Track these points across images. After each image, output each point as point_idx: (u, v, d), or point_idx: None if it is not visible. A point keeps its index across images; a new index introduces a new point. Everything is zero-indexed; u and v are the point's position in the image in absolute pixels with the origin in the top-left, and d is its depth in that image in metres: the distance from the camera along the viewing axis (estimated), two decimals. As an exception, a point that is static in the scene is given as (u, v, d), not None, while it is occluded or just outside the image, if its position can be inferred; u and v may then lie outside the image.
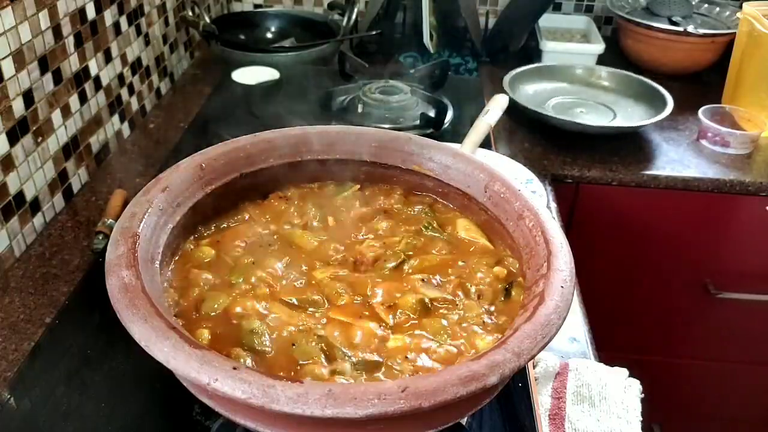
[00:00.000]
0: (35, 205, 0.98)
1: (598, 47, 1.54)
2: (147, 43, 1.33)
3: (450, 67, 1.41)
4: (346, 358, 0.52)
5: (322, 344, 0.53)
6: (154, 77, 1.37)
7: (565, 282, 0.53)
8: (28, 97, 0.94)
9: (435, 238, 0.65)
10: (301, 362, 0.52)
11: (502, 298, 0.59)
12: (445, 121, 1.18)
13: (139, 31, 1.29)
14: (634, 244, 1.34)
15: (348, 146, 0.70)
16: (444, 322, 0.56)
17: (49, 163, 1.01)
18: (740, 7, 1.39)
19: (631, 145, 1.30)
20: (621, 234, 1.32)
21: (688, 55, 1.51)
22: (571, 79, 1.48)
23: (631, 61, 1.58)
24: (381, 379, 0.51)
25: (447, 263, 0.63)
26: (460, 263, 0.63)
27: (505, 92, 1.28)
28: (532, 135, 1.32)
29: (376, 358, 0.52)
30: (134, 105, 1.28)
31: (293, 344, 0.53)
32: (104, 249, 0.69)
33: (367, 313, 0.57)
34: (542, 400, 0.75)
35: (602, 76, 1.47)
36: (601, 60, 1.54)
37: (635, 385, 0.78)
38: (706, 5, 1.63)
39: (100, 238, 0.95)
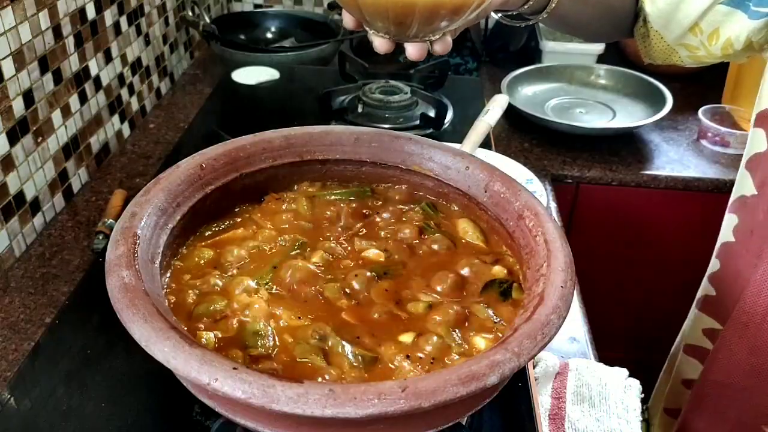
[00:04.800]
0: (35, 205, 0.98)
1: (598, 47, 1.55)
2: (147, 43, 1.33)
3: (450, 67, 1.41)
4: (348, 357, 0.52)
5: (324, 344, 0.53)
6: (154, 77, 1.37)
7: (565, 282, 0.53)
8: (28, 97, 0.95)
9: (436, 239, 0.65)
10: (302, 361, 0.52)
11: (502, 299, 0.59)
12: (445, 121, 1.18)
13: (139, 31, 1.29)
14: (634, 244, 1.34)
15: (348, 146, 0.70)
16: (444, 322, 0.56)
17: (49, 163, 1.01)
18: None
19: (630, 145, 1.30)
20: (621, 234, 1.32)
21: (688, 55, 1.51)
22: (570, 79, 1.48)
23: (631, 60, 1.58)
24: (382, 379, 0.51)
25: (448, 264, 0.63)
26: (460, 264, 0.63)
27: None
28: (532, 135, 1.32)
29: (378, 357, 0.52)
30: (134, 105, 1.28)
31: (295, 344, 0.53)
32: (104, 249, 0.69)
33: (368, 313, 0.57)
34: (542, 400, 0.76)
35: (601, 75, 1.48)
36: (601, 60, 1.54)
37: (635, 385, 0.78)
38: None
39: (100, 238, 0.95)
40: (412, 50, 0.61)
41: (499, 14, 0.74)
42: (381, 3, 0.55)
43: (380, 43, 0.61)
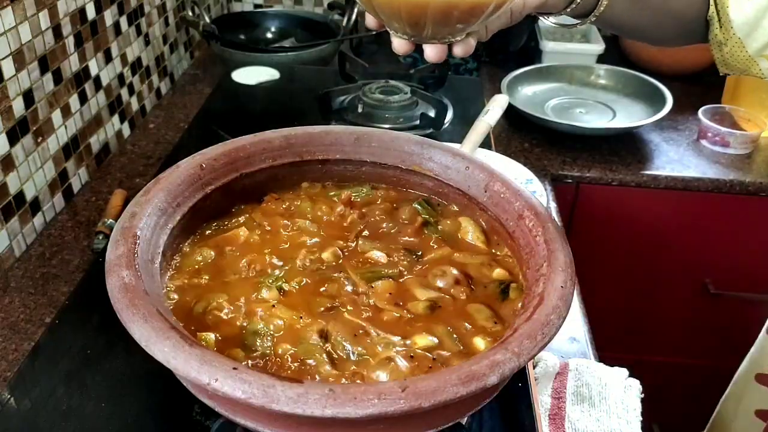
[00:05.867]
0: (35, 205, 0.98)
1: (598, 47, 1.55)
2: (147, 43, 1.33)
3: (450, 67, 1.40)
4: (350, 357, 0.52)
5: (326, 344, 0.53)
6: (154, 77, 1.37)
7: (565, 282, 0.53)
8: (28, 97, 0.95)
9: (436, 239, 0.66)
10: (303, 360, 0.52)
11: (502, 299, 0.59)
12: (445, 121, 1.18)
13: (139, 31, 1.29)
14: (634, 244, 1.34)
15: (348, 146, 0.70)
16: (444, 322, 0.56)
17: (49, 163, 1.01)
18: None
19: (631, 145, 1.30)
20: (621, 234, 1.32)
21: (688, 55, 1.51)
22: (570, 79, 1.48)
23: (632, 60, 1.58)
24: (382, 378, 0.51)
25: (447, 264, 0.63)
26: (460, 264, 0.63)
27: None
28: (532, 135, 1.32)
29: (379, 356, 0.52)
30: (134, 105, 1.28)
31: (297, 344, 0.53)
32: (104, 249, 0.69)
33: (369, 313, 0.57)
34: (542, 400, 0.75)
35: (601, 75, 1.48)
36: (601, 60, 1.54)
37: (635, 385, 0.78)
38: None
39: (100, 238, 0.95)
40: (430, 52, 0.59)
41: (548, 17, 0.71)
42: (394, 4, 0.55)
43: (399, 44, 0.59)
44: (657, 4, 0.72)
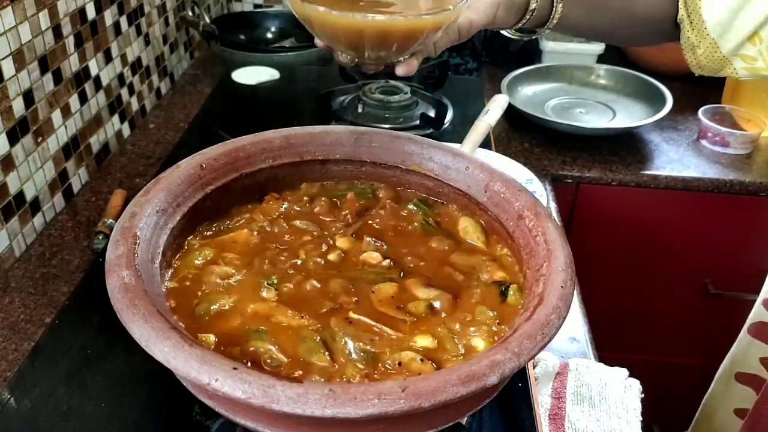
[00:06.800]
0: (35, 205, 0.98)
1: (598, 47, 1.55)
2: (147, 43, 1.33)
3: (450, 67, 1.41)
4: (350, 357, 0.52)
5: (326, 344, 0.53)
6: (154, 77, 1.37)
7: (565, 282, 0.53)
8: (28, 97, 0.95)
9: (435, 239, 0.65)
10: (303, 360, 0.52)
11: (502, 299, 0.59)
12: (445, 121, 1.18)
13: (139, 31, 1.29)
14: (634, 244, 1.34)
15: (348, 146, 0.70)
16: (444, 322, 0.56)
17: (49, 163, 1.01)
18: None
19: (631, 145, 1.30)
20: (621, 234, 1.32)
21: (688, 55, 1.51)
22: (570, 79, 1.48)
23: (631, 60, 1.58)
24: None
25: (447, 264, 0.63)
26: (460, 264, 0.63)
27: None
28: (532, 135, 1.32)
29: (379, 357, 0.52)
30: (134, 105, 1.28)
31: (298, 342, 0.53)
32: (104, 249, 0.69)
33: (370, 313, 0.56)
34: (542, 400, 0.75)
35: (601, 75, 1.48)
36: (601, 60, 1.54)
37: (635, 385, 0.78)
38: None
39: (100, 238, 0.95)
40: (370, 70, 0.64)
41: (505, 30, 0.72)
42: (333, 30, 0.57)
43: (343, 60, 0.63)
44: (617, 8, 0.72)
